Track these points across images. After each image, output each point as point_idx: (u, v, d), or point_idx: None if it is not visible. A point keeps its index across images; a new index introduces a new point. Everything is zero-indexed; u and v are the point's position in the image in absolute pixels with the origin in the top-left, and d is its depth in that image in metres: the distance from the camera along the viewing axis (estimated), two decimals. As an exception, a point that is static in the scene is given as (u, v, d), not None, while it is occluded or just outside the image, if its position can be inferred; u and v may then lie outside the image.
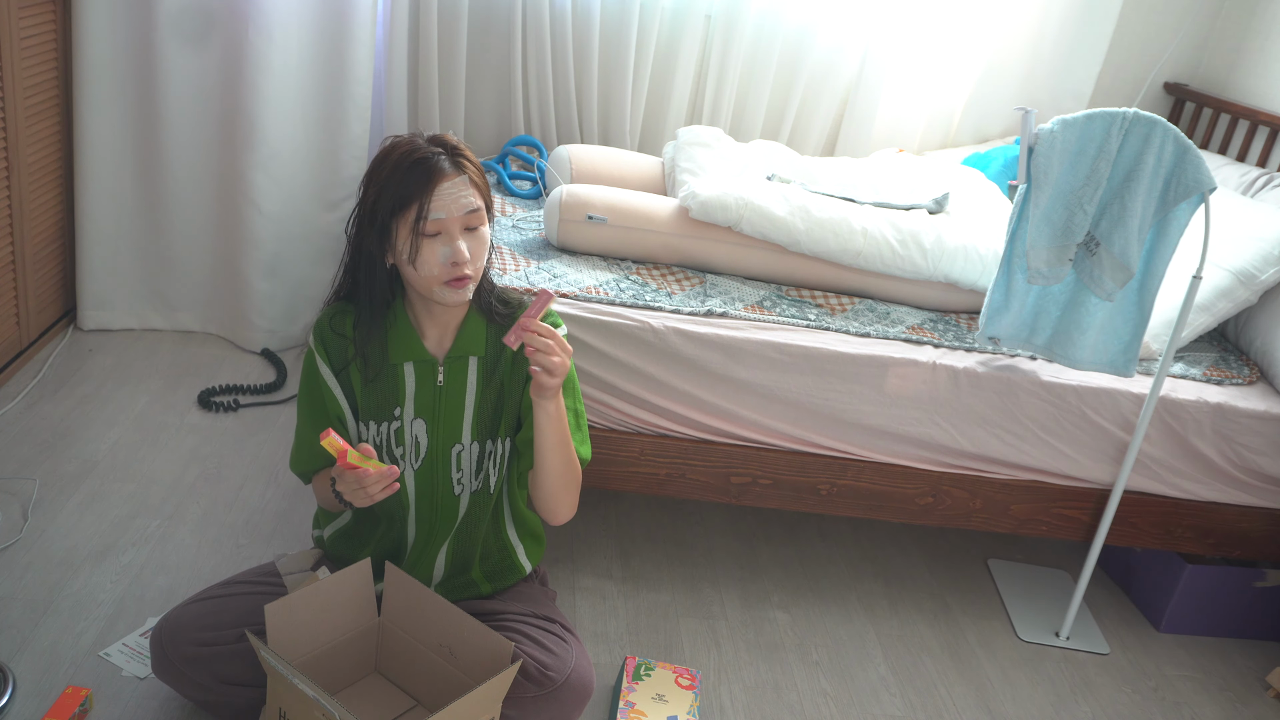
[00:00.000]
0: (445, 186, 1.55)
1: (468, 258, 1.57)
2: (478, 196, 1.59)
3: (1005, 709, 2.14)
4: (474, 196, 1.58)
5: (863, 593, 2.43)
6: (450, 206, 1.55)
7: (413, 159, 1.56)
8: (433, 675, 1.68)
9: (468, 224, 1.58)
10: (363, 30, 2.82)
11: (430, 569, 1.78)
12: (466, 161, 1.59)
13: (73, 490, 2.31)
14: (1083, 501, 2.29)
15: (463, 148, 1.61)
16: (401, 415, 1.69)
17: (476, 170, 1.61)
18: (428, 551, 1.77)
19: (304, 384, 1.73)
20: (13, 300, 2.67)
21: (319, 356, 1.69)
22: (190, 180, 2.92)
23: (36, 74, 2.64)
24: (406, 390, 1.69)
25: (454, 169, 1.57)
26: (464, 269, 1.57)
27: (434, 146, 1.59)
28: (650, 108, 3.16)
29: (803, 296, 2.35)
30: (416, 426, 1.69)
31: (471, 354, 1.69)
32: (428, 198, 1.54)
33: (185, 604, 1.71)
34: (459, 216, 1.56)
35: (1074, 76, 3.18)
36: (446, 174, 1.55)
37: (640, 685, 1.94)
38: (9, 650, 1.84)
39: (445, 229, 1.56)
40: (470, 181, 1.58)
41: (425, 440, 1.70)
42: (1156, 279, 2.10)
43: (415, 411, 1.69)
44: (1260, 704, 2.28)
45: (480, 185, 1.60)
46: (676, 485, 2.21)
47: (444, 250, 1.56)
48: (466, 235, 1.58)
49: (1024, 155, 2.01)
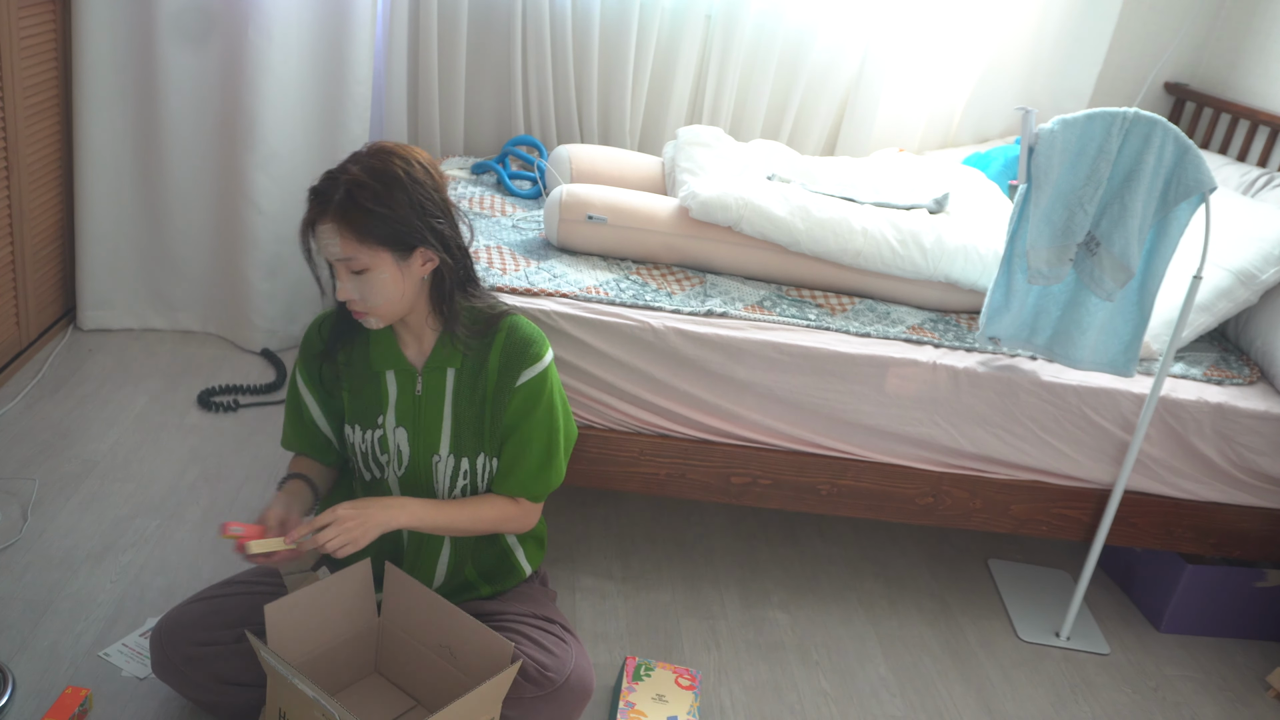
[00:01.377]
0: (319, 229, 1.55)
1: (350, 296, 1.57)
2: (348, 248, 1.52)
3: (1005, 709, 2.14)
4: (340, 248, 1.53)
5: (863, 593, 2.43)
6: (325, 249, 1.56)
7: (314, 188, 1.55)
8: (433, 676, 1.68)
9: (349, 268, 1.56)
10: (363, 30, 2.82)
11: (431, 572, 1.78)
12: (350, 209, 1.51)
13: (72, 490, 2.31)
14: (1083, 501, 2.29)
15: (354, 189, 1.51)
16: (384, 423, 1.71)
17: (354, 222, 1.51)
18: (424, 555, 1.77)
19: (290, 382, 1.79)
20: (13, 300, 2.67)
21: (300, 365, 1.76)
22: (190, 180, 2.92)
23: (36, 74, 2.64)
24: (389, 398, 1.70)
25: (328, 214, 1.52)
26: (353, 305, 1.59)
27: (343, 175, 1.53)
28: (650, 108, 3.16)
29: (803, 296, 2.35)
30: (399, 435, 1.71)
31: (449, 366, 1.69)
32: (310, 235, 1.57)
33: (185, 604, 1.71)
34: (335, 260, 1.56)
35: (1074, 76, 3.18)
36: (321, 218, 1.54)
37: (640, 685, 1.94)
38: (9, 650, 1.84)
39: (333, 265, 1.58)
40: (339, 233, 1.52)
41: (407, 449, 1.71)
42: (1157, 279, 2.10)
43: (397, 419, 1.71)
44: (1260, 704, 2.28)
45: (358, 234, 1.51)
46: (676, 485, 2.21)
47: (337, 283, 1.59)
48: (352, 277, 1.56)
49: (1024, 155, 2.01)
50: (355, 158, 1.56)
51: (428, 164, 1.60)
